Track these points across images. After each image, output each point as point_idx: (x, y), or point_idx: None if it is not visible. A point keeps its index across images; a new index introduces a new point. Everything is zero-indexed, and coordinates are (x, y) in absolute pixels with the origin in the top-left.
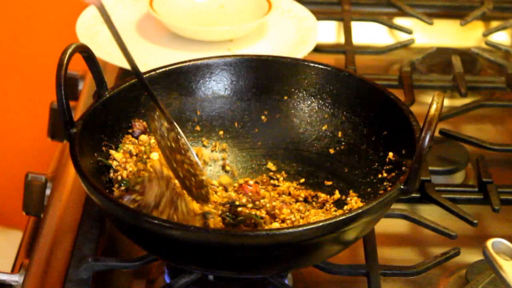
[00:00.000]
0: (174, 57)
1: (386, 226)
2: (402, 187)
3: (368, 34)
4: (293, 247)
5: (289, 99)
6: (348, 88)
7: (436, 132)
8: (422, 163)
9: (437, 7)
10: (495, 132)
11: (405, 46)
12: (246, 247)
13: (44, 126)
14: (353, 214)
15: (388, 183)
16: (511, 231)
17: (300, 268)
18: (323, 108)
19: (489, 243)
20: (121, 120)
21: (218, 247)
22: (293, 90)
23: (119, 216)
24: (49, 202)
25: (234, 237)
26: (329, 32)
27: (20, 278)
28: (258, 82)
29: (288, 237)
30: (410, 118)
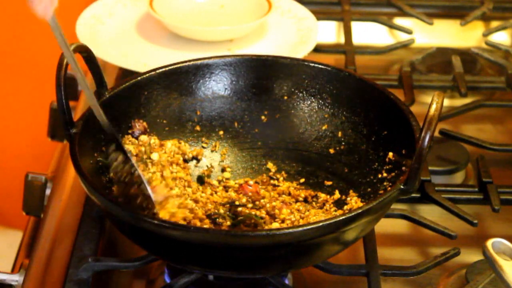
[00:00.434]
0: (174, 57)
1: (386, 226)
2: (402, 187)
3: (368, 34)
4: (293, 247)
5: (289, 99)
6: (348, 88)
7: (436, 132)
8: (422, 163)
9: (437, 7)
10: (495, 132)
11: (405, 46)
12: (246, 247)
13: (44, 126)
14: (353, 214)
15: (388, 183)
16: (511, 231)
17: (300, 268)
18: (323, 108)
19: (489, 243)
20: (121, 120)
21: (218, 247)
22: (293, 90)
23: (119, 216)
24: (49, 202)
25: (234, 237)
26: (329, 32)
27: (20, 278)
28: (258, 82)
29: (288, 237)
30: (410, 118)
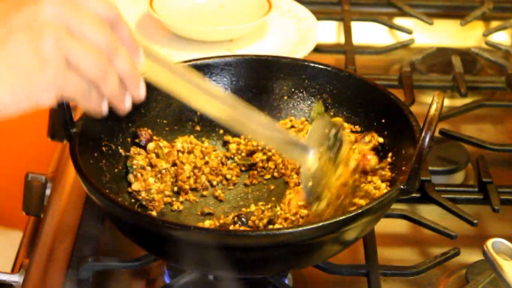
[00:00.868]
0: (174, 57)
1: (386, 226)
2: (402, 187)
3: (368, 34)
4: (293, 247)
5: (289, 99)
6: (348, 88)
7: (436, 132)
8: (422, 163)
9: (437, 7)
10: (495, 132)
11: (405, 46)
12: (246, 247)
13: (44, 126)
14: (353, 214)
15: (388, 183)
16: (511, 231)
17: (300, 268)
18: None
19: (489, 243)
20: (121, 120)
21: (218, 247)
22: (293, 90)
23: (119, 216)
24: (49, 202)
25: (234, 237)
26: (329, 32)
27: (20, 278)
28: (258, 82)
29: (288, 237)
30: (410, 118)
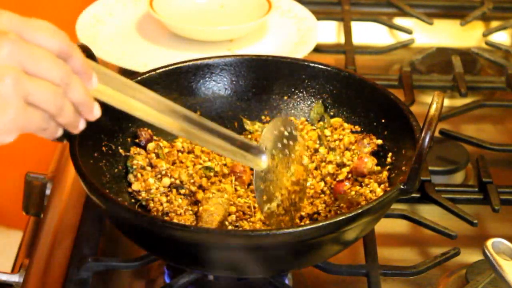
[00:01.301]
0: (174, 57)
1: (386, 226)
2: (402, 187)
3: (368, 34)
4: (293, 247)
5: (289, 99)
6: (348, 88)
7: (436, 132)
8: (422, 163)
9: (437, 7)
10: (495, 132)
11: (405, 46)
12: (246, 247)
13: None
14: (353, 214)
15: (388, 183)
16: (511, 231)
17: (300, 268)
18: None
19: (489, 243)
20: (121, 120)
21: (218, 247)
22: (293, 90)
23: (119, 216)
24: (49, 202)
25: (234, 237)
26: (329, 32)
27: (20, 278)
28: (258, 82)
29: (288, 237)
30: (410, 118)
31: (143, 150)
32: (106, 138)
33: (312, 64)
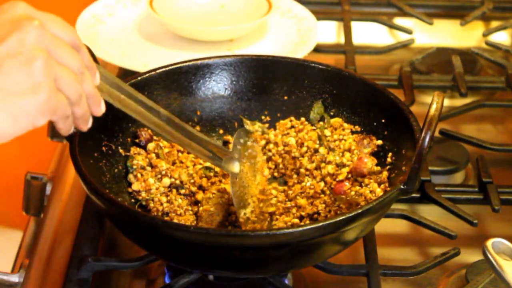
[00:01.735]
0: (174, 57)
1: (386, 226)
2: (402, 187)
3: (368, 34)
4: (293, 247)
5: (289, 99)
6: (348, 88)
7: (436, 132)
8: (422, 163)
9: (437, 7)
10: (495, 132)
11: (405, 46)
12: (246, 247)
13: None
14: (353, 214)
15: (388, 183)
16: (511, 231)
17: (300, 268)
18: (323, 108)
19: (489, 243)
20: (121, 120)
21: (218, 247)
22: (293, 90)
23: (119, 216)
24: (49, 202)
25: (234, 237)
26: (329, 32)
27: (20, 278)
28: (258, 82)
29: (288, 237)
30: (410, 118)
31: (143, 150)
32: (106, 138)
33: (312, 64)
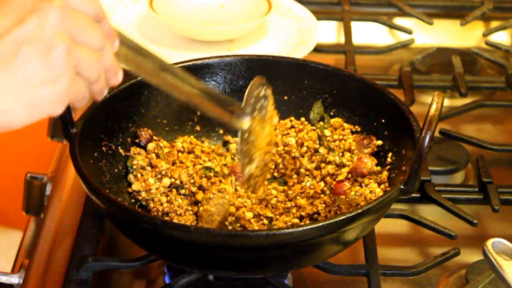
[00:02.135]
0: (174, 57)
1: (386, 226)
2: (402, 187)
3: (368, 34)
4: (293, 247)
5: (289, 99)
6: (348, 88)
7: (436, 132)
8: (422, 163)
9: (437, 7)
10: (495, 132)
11: (405, 46)
12: (246, 247)
13: (44, 126)
14: (353, 214)
15: (388, 183)
16: (511, 231)
17: (300, 268)
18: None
19: (489, 243)
20: (121, 120)
21: (218, 247)
22: (293, 90)
23: (119, 216)
24: (49, 202)
25: (234, 237)
26: (329, 32)
27: (20, 278)
28: None
29: (288, 237)
30: (410, 118)
31: (143, 150)
32: (106, 138)
33: (312, 64)
